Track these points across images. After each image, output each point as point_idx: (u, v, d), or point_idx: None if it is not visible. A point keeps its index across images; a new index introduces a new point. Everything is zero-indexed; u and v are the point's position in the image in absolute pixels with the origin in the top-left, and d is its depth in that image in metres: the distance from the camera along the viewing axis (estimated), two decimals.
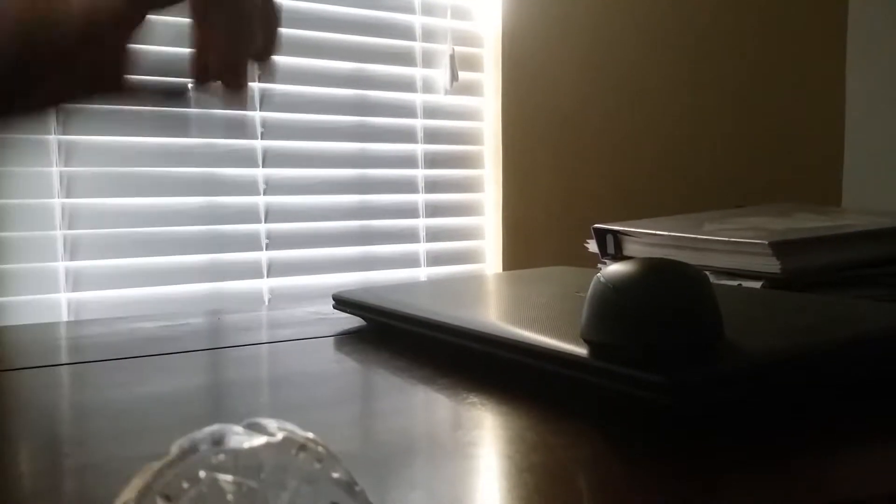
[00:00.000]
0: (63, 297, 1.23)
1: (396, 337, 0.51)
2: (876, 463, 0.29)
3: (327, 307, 0.60)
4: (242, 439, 0.17)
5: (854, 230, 0.64)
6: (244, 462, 0.16)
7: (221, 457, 0.16)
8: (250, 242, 1.38)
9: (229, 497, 0.16)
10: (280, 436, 0.17)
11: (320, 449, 0.17)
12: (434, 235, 1.57)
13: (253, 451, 0.17)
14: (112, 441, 0.33)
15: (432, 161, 1.56)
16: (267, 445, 0.17)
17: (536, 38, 1.62)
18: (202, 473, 0.16)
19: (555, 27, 1.65)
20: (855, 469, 0.28)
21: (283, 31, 1.45)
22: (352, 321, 0.58)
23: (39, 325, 0.69)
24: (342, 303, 0.58)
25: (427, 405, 0.39)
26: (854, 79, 2.04)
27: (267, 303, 1.38)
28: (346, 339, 0.53)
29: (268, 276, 1.40)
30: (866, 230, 0.64)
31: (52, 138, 1.21)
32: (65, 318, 1.23)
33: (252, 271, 1.38)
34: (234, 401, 0.41)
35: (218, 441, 0.17)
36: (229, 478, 0.16)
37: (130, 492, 0.17)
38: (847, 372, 0.36)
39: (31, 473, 0.30)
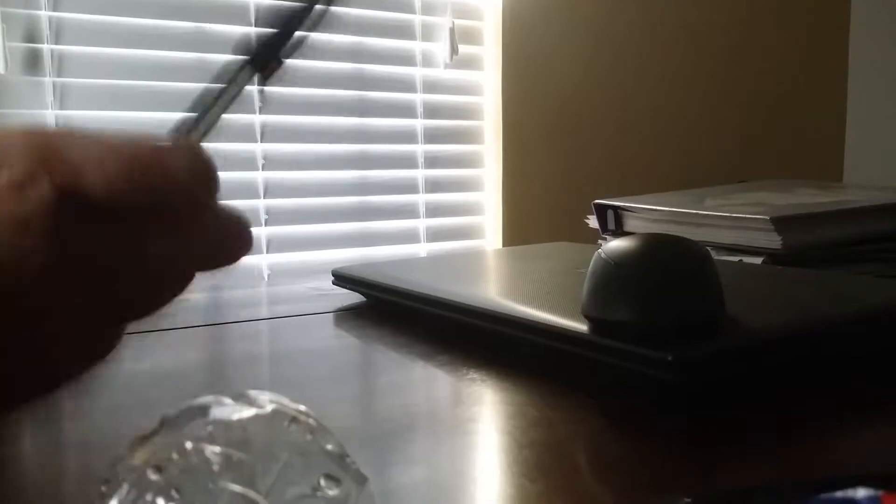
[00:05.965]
0: None
1: (396, 313, 0.51)
2: (876, 439, 0.29)
3: (327, 283, 0.60)
4: (231, 411, 0.17)
5: (855, 206, 0.63)
6: (233, 434, 0.16)
7: (210, 428, 0.16)
8: (249, 218, 1.38)
9: (216, 468, 0.16)
10: (270, 408, 0.17)
11: (311, 421, 0.17)
12: (434, 211, 1.56)
13: (241, 423, 0.16)
14: (109, 416, 0.33)
15: (432, 136, 1.55)
16: (256, 417, 0.17)
17: (537, 11, 1.60)
18: (188, 444, 0.16)
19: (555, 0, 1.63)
20: (856, 445, 0.28)
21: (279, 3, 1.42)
22: (351, 297, 0.58)
23: None
24: (342, 279, 0.58)
25: (427, 381, 0.38)
26: (856, 54, 2.02)
27: (266, 278, 1.38)
28: (346, 315, 0.53)
29: (267, 252, 1.40)
30: (867, 206, 0.63)
31: (50, 113, 1.20)
32: None
33: None
34: (233, 376, 0.40)
35: (207, 412, 0.17)
36: (217, 449, 0.16)
37: (120, 462, 0.16)
38: (848, 347, 0.36)
39: (28, 448, 0.30)
